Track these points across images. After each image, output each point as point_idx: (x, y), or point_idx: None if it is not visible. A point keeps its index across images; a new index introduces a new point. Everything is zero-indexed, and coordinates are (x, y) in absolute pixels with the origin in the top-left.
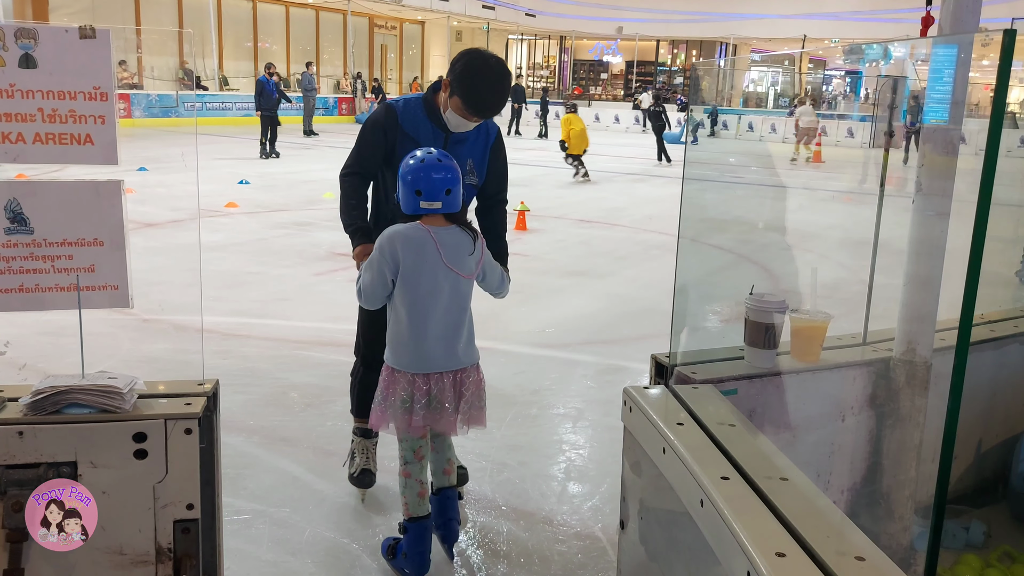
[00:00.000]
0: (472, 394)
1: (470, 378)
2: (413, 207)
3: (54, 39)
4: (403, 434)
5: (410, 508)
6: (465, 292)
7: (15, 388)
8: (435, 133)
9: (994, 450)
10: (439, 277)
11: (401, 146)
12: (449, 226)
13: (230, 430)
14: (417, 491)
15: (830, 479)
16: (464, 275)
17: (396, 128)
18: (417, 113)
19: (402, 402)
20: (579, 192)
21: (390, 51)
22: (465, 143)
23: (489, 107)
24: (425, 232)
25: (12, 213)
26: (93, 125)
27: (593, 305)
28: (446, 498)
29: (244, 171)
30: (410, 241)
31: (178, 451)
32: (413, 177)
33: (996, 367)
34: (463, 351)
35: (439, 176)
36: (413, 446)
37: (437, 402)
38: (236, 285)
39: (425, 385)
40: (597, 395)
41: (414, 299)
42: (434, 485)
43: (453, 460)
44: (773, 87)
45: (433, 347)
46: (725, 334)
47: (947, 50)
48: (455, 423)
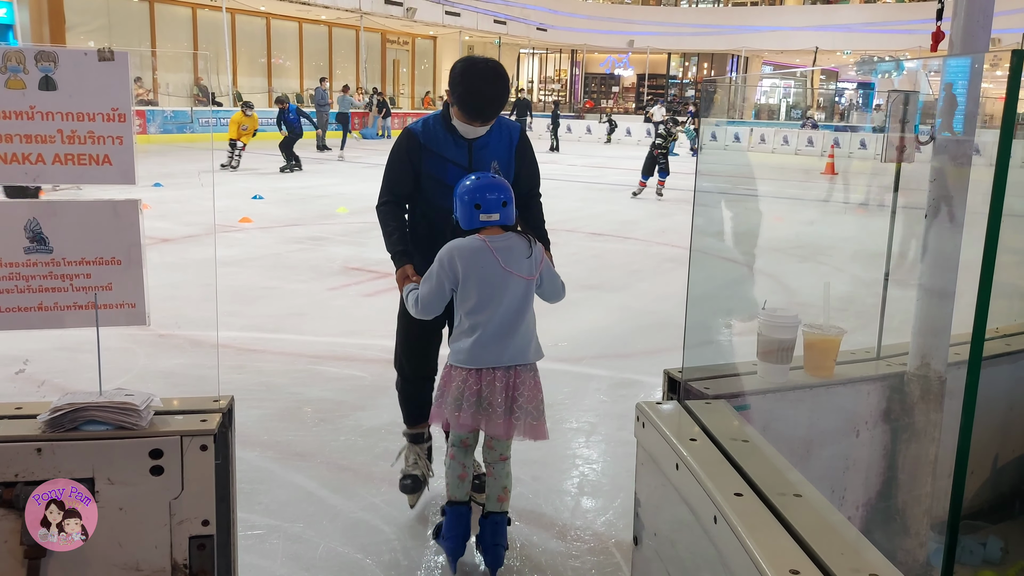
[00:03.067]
0: (526, 399)
1: (525, 381)
2: (472, 221)
3: (73, 62)
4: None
5: (450, 490)
6: (524, 294)
7: (34, 405)
8: (457, 144)
9: (1011, 465)
10: (497, 282)
11: (429, 164)
12: (504, 234)
13: (245, 445)
14: (458, 473)
15: (845, 495)
16: (524, 276)
17: (419, 149)
18: (438, 129)
19: (454, 399)
20: (592, 205)
21: (402, 66)
22: (488, 147)
23: (484, 109)
24: (482, 242)
25: (32, 232)
26: (111, 146)
27: (606, 318)
28: (495, 523)
29: (258, 186)
30: (468, 251)
31: (194, 468)
32: (471, 196)
33: (1012, 381)
34: (518, 349)
35: (494, 195)
36: (462, 435)
37: (487, 402)
38: (251, 300)
39: (476, 382)
40: (610, 409)
41: (474, 304)
42: (485, 509)
43: (508, 488)
44: (785, 99)
45: (487, 344)
46: (738, 348)
47: (959, 63)
48: (506, 426)
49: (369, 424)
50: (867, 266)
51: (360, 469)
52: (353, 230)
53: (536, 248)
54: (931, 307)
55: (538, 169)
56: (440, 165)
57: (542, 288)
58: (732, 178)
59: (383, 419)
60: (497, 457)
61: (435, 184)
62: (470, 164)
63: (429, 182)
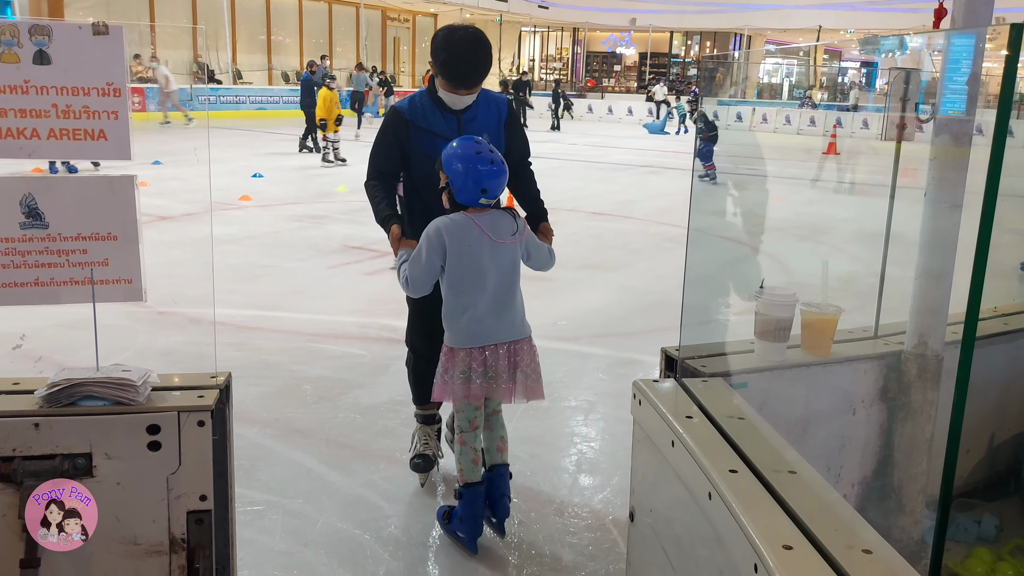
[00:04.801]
0: (527, 365)
1: (524, 349)
2: (472, 200)
3: (68, 36)
4: (461, 404)
5: (465, 474)
6: (512, 269)
7: (31, 380)
8: (446, 119)
9: (1007, 444)
10: (485, 257)
11: (417, 140)
12: (489, 211)
13: (244, 422)
14: (471, 457)
15: (841, 473)
16: (511, 242)
17: (405, 125)
18: (425, 104)
19: (461, 373)
20: (592, 185)
21: (403, 44)
22: (476, 120)
23: (465, 74)
24: (468, 219)
25: (27, 208)
26: (106, 121)
27: (606, 298)
28: (498, 475)
29: (258, 165)
30: (456, 227)
31: (191, 443)
32: (478, 177)
33: (1009, 360)
34: (516, 324)
35: (499, 181)
36: (469, 416)
37: (493, 372)
38: (250, 278)
39: (481, 356)
40: (609, 388)
41: (463, 281)
42: (487, 462)
43: (505, 438)
44: (788, 78)
45: (486, 322)
46: (735, 327)
47: (962, 41)
48: (510, 392)
49: (368, 402)
50: (866, 246)
51: (359, 446)
52: (353, 208)
53: (520, 221)
54: (929, 287)
55: (527, 138)
56: (429, 140)
57: (530, 259)
58: (735, 158)
59: (382, 397)
60: (491, 411)
61: (425, 161)
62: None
63: (419, 159)
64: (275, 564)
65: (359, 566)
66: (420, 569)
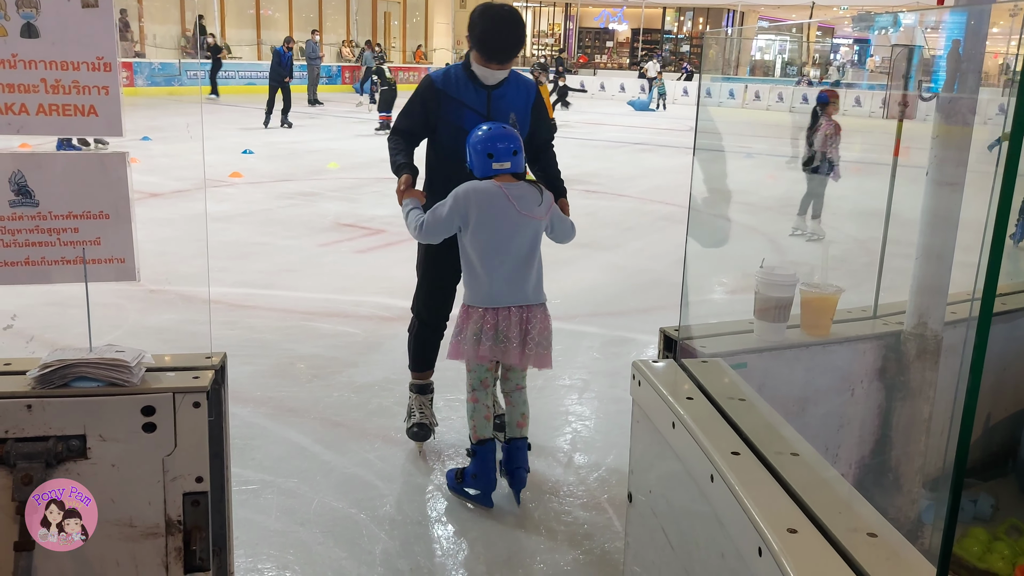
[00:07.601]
0: (538, 332)
1: (536, 316)
2: (486, 169)
3: (56, 8)
4: (472, 364)
5: (478, 431)
6: (534, 238)
7: (23, 361)
8: (477, 92)
9: (1003, 424)
10: (509, 225)
11: (446, 109)
12: (518, 182)
13: (237, 401)
14: (483, 414)
15: (839, 452)
16: (538, 217)
17: (436, 94)
18: (459, 75)
19: (473, 334)
20: (586, 163)
21: (393, 19)
22: (505, 98)
23: (501, 51)
24: (497, 187)
25: (17, 185)
26: (96, 96)
27: (599, 276)
28: (516, 448)
29: (248, 141)
30: (484, 194)
31: (187, 424)
32: (483, 145)
33: (1006, 340)
34: (531, 290)
35: (504, 144)
36: (480, 375)
37: (504, 335)
38: (242, 256)
39: (493, 319)
40: (603, 366)
41: (487, 246)
42: (507, 435)
43: (527, 415)
44: (780, 55)
45: (502, 285)
46: (734, 307)
47: (959, 18)
48: (520, 356)
49: (362, 380)
50: (864, 225)
51: (353, 425)
52: (345, 186)
53: (546, 195)
54: (929, 266)
55: (551, 122)
56: (457, 110)
57: (553, 232)
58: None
59: (376, 375)
60: (513, 387)
61: (453, 131)
62: (488, 112)
63: (447, 128)
64: (271, 543)
65: (355, 544)
66: (416, 547)
